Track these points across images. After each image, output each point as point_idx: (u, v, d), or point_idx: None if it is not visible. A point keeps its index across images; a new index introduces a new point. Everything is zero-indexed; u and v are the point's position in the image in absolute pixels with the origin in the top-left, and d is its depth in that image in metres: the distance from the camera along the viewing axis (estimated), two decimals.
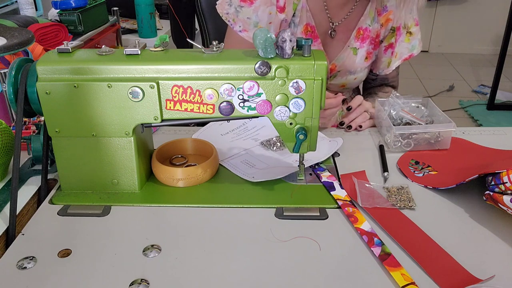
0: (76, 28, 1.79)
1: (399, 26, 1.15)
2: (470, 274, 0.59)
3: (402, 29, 1.15)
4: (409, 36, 1.16)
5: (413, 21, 1.16)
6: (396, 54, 1.18)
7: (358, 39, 1.13)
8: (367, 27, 1.13)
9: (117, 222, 0.70)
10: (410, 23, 1.15)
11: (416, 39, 1.17)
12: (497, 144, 0.92)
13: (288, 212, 0.72)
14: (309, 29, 1.11)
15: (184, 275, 0.59)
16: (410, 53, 1.18)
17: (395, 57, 1.18)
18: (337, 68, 1.17)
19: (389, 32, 1.16)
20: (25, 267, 0.60)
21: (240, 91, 0.69)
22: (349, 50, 1.14)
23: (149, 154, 0.82)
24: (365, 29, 1.13)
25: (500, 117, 3.11)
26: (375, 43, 1.16)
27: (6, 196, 0.74)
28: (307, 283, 0.58)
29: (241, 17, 1.08)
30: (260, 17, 1.07)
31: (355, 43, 1.14)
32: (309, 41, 0.69)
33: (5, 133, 0.77)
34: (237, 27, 1.09)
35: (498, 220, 0.70)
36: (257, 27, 1.08)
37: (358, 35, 1.13)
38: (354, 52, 1.14)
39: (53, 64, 0.69)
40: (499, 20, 3.83)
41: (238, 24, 1.09)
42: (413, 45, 1.17)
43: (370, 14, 1.12)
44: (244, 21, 1.08)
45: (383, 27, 1.15)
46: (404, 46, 1.17)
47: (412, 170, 0.84)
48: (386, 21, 1.14)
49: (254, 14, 1.07)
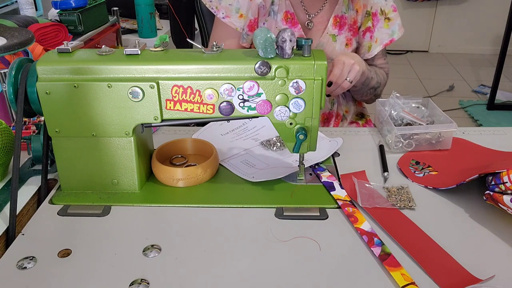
0: (76, 28, 1.78)
1: (375, 12, 1.17)
2: (470, 274, 0.59)
3: (379, 15, 1.17)
4: (387, 22, 1.17)
5: (391, 7, 1.17)
6: (376, 39, 1.19)
7: (335, 26, 1.16)
8: (343, 14, 1.16)
9: (117, 222, 0.70)
10: (388, 9, 1.17)
11: (396, 24, 1.18)
12: (497, 144, 0.92)
13: (288, 212, 0.72)
14: (289, 16, 1.14)
15: (184, 275, 0.59)
16: (390, 38, 1.18)
17: (375, 42, 1.19)
18: None
19: (365, 16, 1.17)
20: (25, 267, 0.60)
21: (240, 91, 0.69)
22: (328, 37, 1.16)
23: (149, 154, 0.82)
24: (341, 16, 1.16)
25: (500, 117, 3.10)
26: (353, 30, 1.18)
27: (6, 196, 0.74)
28: (307, 283, 0.58)
29: (224, 4, 1.14)
30: (241, 3, 1.13)
31: (333, 30, 1.16)
32: (309, 41, 0.69)
33: (5, 133, 0.77)
34: (220, 14, 1.15)
35: (498, 220, 0.70)
36: (238, 13, 1.14)
37: (335, 22, 1.15)
38: (333, 38, 1.16)
39: (53, 64, 0.69)
40: (499, 20, 3.83)
41: (221, 11, 1.15)
42: (393, 30, 1.18)
43: (345, 2, 1.15)
44: (226, 7, 1.14)
45: (358, 13, 1.17)
46: (384, 32, 1.18)
47: (412, 170, 0.84)
48: (360, 7, 1.17)
49: (235, 1, 1.13)
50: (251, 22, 1.14)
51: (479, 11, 4.26)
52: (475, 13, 4.28)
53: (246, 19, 1.14)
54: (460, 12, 4.30)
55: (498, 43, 3.19)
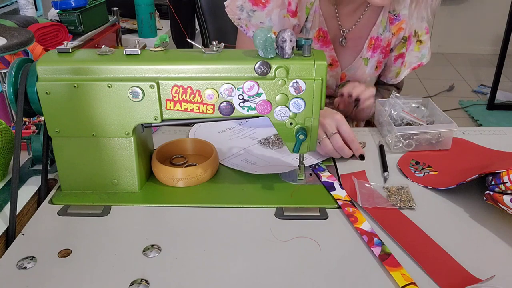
0: (76, 28, 1.78)
1: (409, 35, 1.13)
2: (470, 274, 0.59)
3: (412, 37, 1.14)
4: (419, 44, 1.14)
5: (424, 29, 1.14)
6: (405, 64, 1.16)
7: (370, 49, 1.11)
8: (379, 36, 1.11)
9: (117, 222, 0.70)
10: (421, 31, 1.14)
11: (426, 47, 1.15)
12: (497, 144, 0.92)
13: (288, 212, 0.72)
14: (322, 34, 1.08)
15: (184, 275, 0.59)
16: (419, 62, 1.16)
17: (404, 66, 1.17)
18: (347, 78, 1.15)
19: (401, 42, 1.13)
20: (25, 267, 0.60)
21: (240, 91, 0.69)
22: (361, 61, 1.12)
23: (149, 154, 0.82)
24: (377, 38, 1.11)
25: (500, 117, 3.10)
26: (385, 52, 1.14)
27: (6, 196, 0.74)
28: (307, 283, 0.58)
29: (254, 22, 1.05)
30: (274, 21, 1.04)
31: (367, 53, 1.11)
32: (309, 41, 0.69)
33: (5, 133, 0.77)
34: (250, 33, 1.06)
35: (498, 220, 0.70)
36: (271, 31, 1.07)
37: (370, 45, 1.11)
38: (365, 62, 1.13)
39: (53, 64, 0.69)
40: (499, 20, 3.83)
41: (251, 30, 1.06)
42: (422, 53, 1.15)
43: (382, 22, 1.10)
44: (257, 26, 1.05)
45: (394, 36, 1.12)
46: (414, 55, 1.15)
47: (412, 170, 0.84)
48: (398, 30, 1.11)
49: (267, 18, 1.04)
50: None
51: (479, 11, 4.26)
52: (475, 13, 4.28)
53: None
54: (460, 12, 4.30)
55: (498, 43, 3.19)
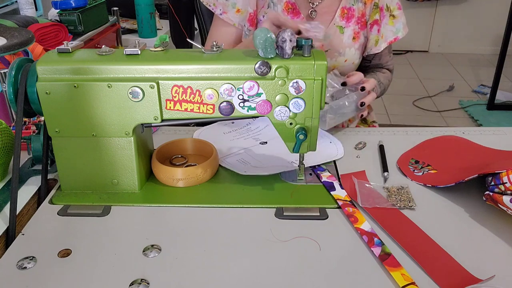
0: (76, 28, 1.79)
1: (382, 7, 1.15)
2: (470, 274, 0.59)
3: (385, 11, 1.16)
4: (392, 19, 1.16)
5: (396, 5, 1.16)
6: (382, 35, 1.18)
7: (343, 18, 1.14)
8: (350, 6, 1.14)
9: (117, 222, 0.70)
10: (393, 6, 1.16)
11: (400, 22, 1.17)
12: (497, 144, 0.92)
13: (288, 212, 0.72)
14: (290, 6, 1.12)
15: (184, 275, 0.59)
16: (395, 36, 1.18)
17: (382, 37, 1.18)
18: (325, 47, 1.16)
19: (373, 9, 1.16)
20: (25, 267, 0.60)
21: (240, 91, 0.69)
22: (335, 28, 1.14)
23: (149, 154, 0.82)
24: (349, 8, 1.14)
25: (500, 117, 3.10)
26: (361, 23, 1.16)
27: (6, 196, 0.74)
28: (307, 283, 0.58)
29: (220, 0, 1.14)
30: None
31: (340, 21, 1.14)
32: (309, 41, 0.69)
33: (5, 133, 0.77)
34: (217, 11, 1.15)
35: (498, 220, 0.70)
36: (235, 8, 1.13)
37: (343, 14, 1.13)
38: (340, 30, 1.14)
39: (53, 64, 0.69)
40: (499, 20, 3.83)
41: (218, 8, 1.14)
42: (397, 28, 1.17)
43: None
44: (223, 3, 1.14)
45: (367, 5, 1.15)
46: (389, 29, 1.17)
47: (411, 169, 0.84)
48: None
49: None
50: (251, 16, 1.13)
51: (479, 11, 4.26)
52: (475, 13, 4.28)
53: (244, 13, 1.13)
54: (460, 12, 4.31)
55: (498, 43, 3.19)
